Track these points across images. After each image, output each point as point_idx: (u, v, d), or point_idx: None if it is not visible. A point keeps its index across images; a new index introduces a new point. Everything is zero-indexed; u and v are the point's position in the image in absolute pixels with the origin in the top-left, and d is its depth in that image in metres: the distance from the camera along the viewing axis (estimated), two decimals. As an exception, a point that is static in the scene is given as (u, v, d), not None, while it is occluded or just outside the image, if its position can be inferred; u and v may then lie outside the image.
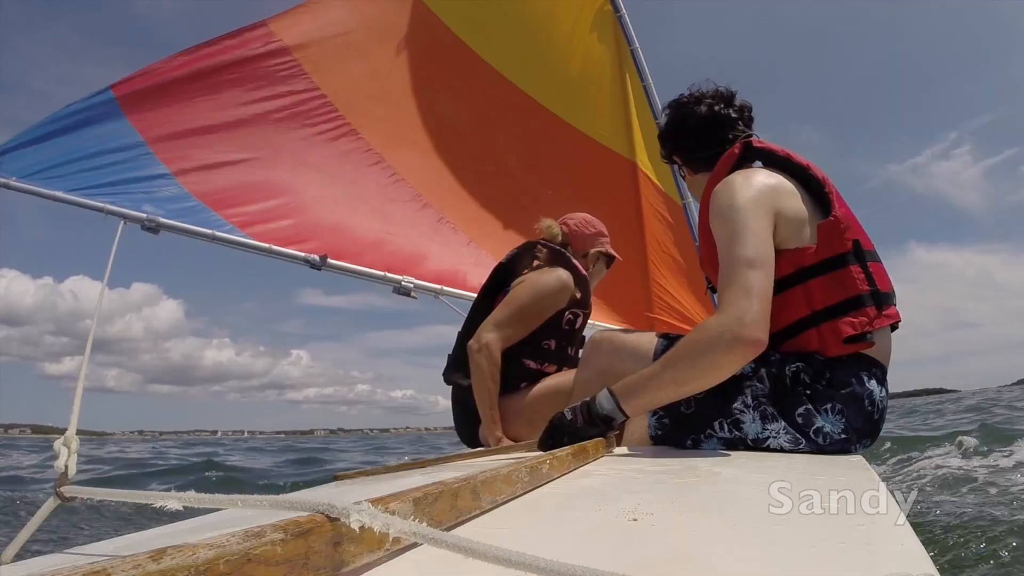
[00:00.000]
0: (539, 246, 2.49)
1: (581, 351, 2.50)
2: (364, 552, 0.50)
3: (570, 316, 2.41)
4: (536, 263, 2.44)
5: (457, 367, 2.46)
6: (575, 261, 2.45)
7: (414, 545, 0.56)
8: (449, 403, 2.56)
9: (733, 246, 1.38)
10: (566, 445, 1.25)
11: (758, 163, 1.59)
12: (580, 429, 1.38)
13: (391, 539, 0.52)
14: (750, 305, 1.29)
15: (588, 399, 1.43)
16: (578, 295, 2.41)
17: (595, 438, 1.35)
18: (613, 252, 2.65)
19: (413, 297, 3.55)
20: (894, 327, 1.53)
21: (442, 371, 2.55)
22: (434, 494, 0.62)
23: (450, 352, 2.54)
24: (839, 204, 1.49)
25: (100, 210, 2.97)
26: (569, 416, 1.42)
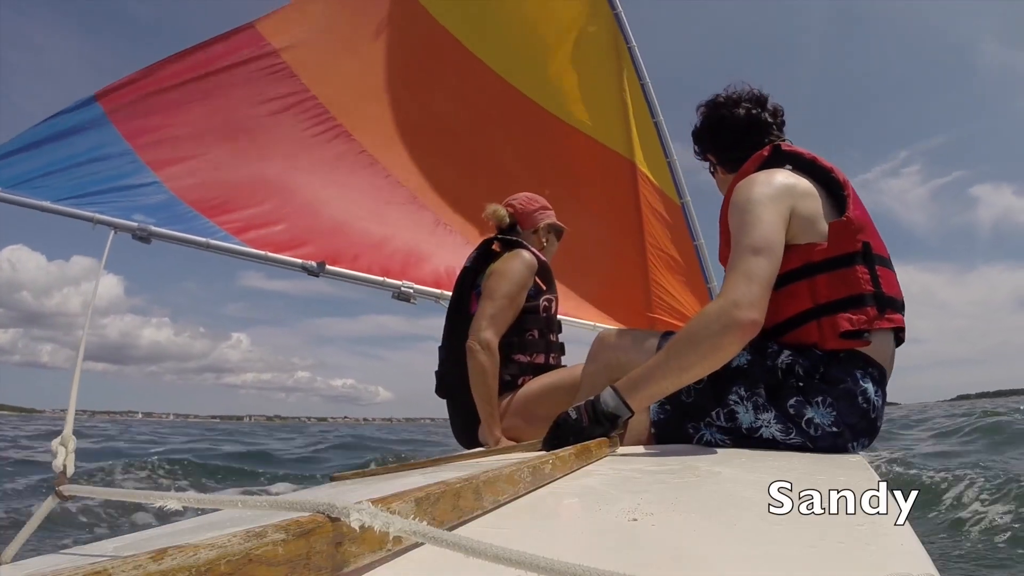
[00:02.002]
0: (495, 242, 2.54)
1: (560, 335, 2.55)
2: (366, 552, 0.50)
3: (544, 303, 2.46)
4: (495, 255, 2.49)
5: (446, 378, 2.49)
6: (530, 247, 2.49)
7: (416, 545, 0.56)
8: (390, 395, 2.59)
9: (741, 235, 1.44)
10: (571, 444, 1.26)
11: (788, 166, 1.64)
12: (585, 428, 1.39)
13: (392, 539, 0.52)
14: (748, 289, 1.34)
15: (592, 397, 1.45)
16: (544, 284, 2.46)
17: (600, 437, 1.36)
18: (560, 223, 2.70)
19: (413, 302, 3.51)
20: (900, 338, 1.57)
21: (434, 389, 2.57)
22: (436, 494, 0.62)
23: (436, 369, 2.56)
24: (854, 207, 1.54)
25: (89, 220, 2.90)
26: (574, 415, 1.43)
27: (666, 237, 3.79)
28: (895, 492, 0.76)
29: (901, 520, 0.63)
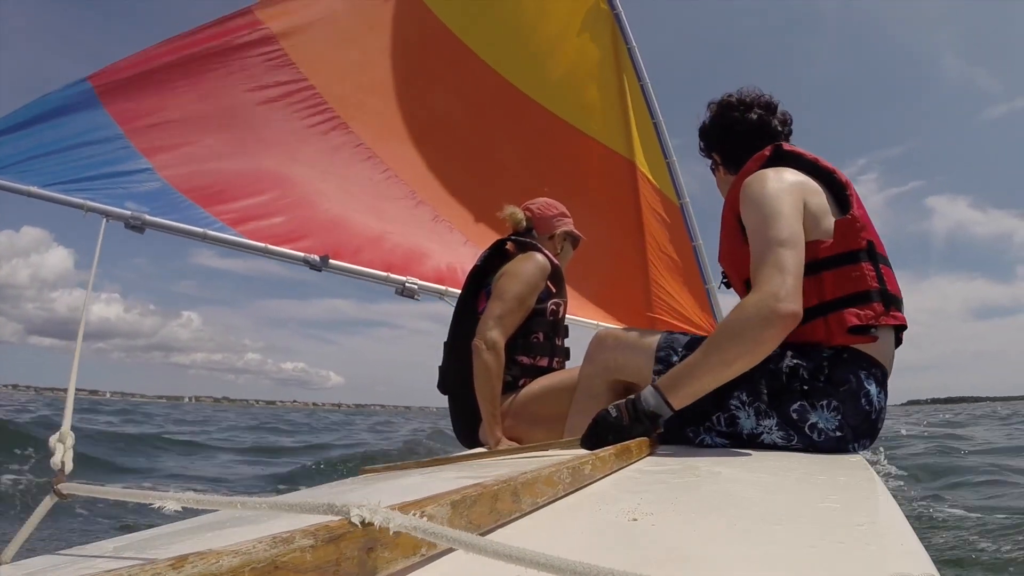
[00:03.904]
0: (508, 242, 2.52)
1: (567, 340, 2.53)
2: (399, 558, 0.48)
3: (552, 307, 2.44)
4: (509, 255, 2.46)
5: (448, 375, 2.48)
6: (544, 250, 2.47)
7: (450, 550, 0.54)
8: (341, 380, 2.53)
9: (766, 229, 1.44)
10: (611, 444, 1.24)
11: (792, 170, 1.63)
12: (625, 427, 1.37)
13: (427, 544, 0.50)
14: (784, 280, 1.34)
15: (632, 396, 1.42)
16: (554, 288, 2.44)
17: (640, 436, 1.34)
18: (577, 232, 2.67)
19: (417, 299, 3.46)
20: (899, 339, 1.57)
21: (436, 384, 2.56)
22: (473, 496, 0.60)
23: (439, 364, 2.55)
24: (858, 206, 1.55)
25: (80, 207, 2.76)
26: (614, 413, 1.40)
27: (665, 238, 3.79)
28: (895, 492, 0.76)
29: (901, 520, 0.63)
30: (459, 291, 2.64)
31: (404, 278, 3.43)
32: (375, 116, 3.64)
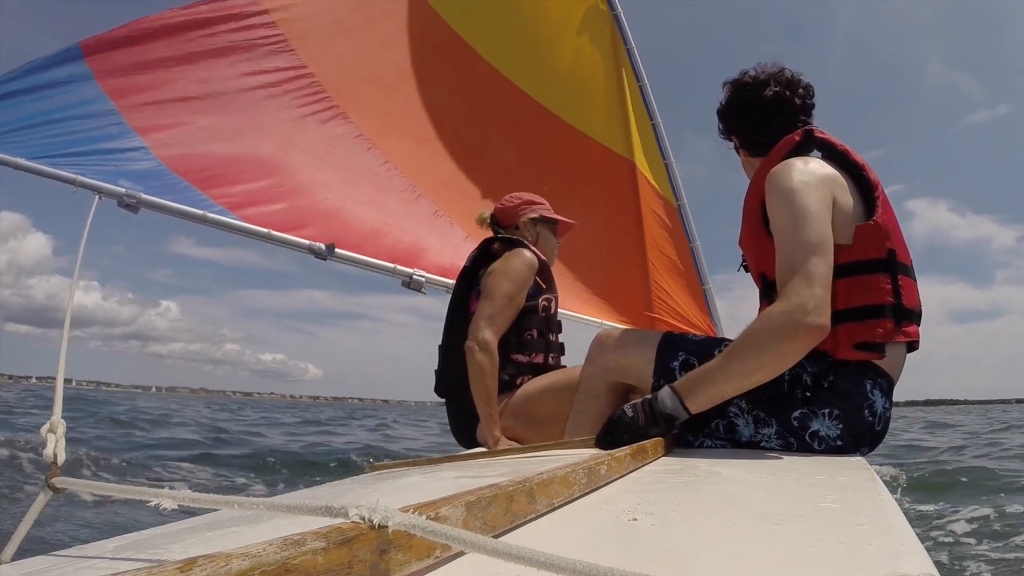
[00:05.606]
0: (495, 242, 2.51)
1: (560, 335, 2.52)
2: (413, 560, 0.48)
3: (544, 303, 2.43)
4: (495, 253, 2.45)
5: (444, 377, 2.48)
6: (531, 246, 2.46)
7: (462, 552, 0.53)
8: (319, 373, 2.51)
9: (794, 231, 1.38)
10: (626, 444, 1.23)
11: (816, 152, 1.56)
12: (641, 428, 1.36)
13: (441, 546, 0.49)
14: (812, 292, 1.29)
15: (649, 396, 1.41)
16: (543, 283, 2.43)
17: (656, 437, 1.33)
18: (551, 215, 2.62)
19: (423, 293, 3.42)
20: (912, 347, 1.53)
21: (433, 388, 2.55)
22: (488, 498, 0.60)
23: (435, 368, 2.54)
24: (883, 210, 1.47)
25: (70, 182, 2.62)
26: (630, 413, 1.39)
27: (664, 239, 3.79)
28: (895, 492, 0.76)
29: (901, 520, 0.63)
30: None
31: (411, 270, 3.37)
32: (374, 108, 3.58)
